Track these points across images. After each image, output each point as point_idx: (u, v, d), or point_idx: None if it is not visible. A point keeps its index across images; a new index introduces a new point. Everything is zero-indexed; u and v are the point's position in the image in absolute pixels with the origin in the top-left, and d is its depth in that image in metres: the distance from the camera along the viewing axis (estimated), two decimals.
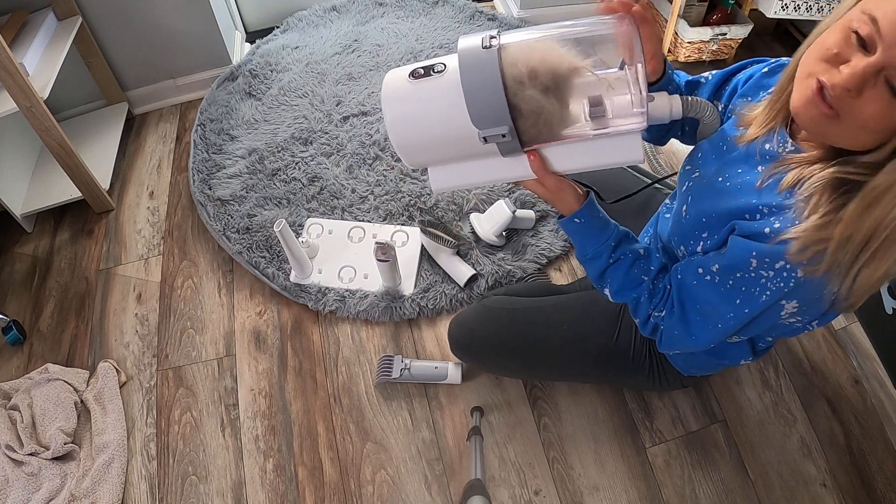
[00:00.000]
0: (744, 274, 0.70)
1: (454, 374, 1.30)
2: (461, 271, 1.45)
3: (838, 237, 0.62)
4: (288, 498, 1.20)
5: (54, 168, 1.57)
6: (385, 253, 1.34)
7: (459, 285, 1.45)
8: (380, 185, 1.66)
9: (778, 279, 0.67)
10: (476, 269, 1.47)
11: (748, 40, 1.98)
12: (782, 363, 1.34)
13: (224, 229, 1.58)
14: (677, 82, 0.88)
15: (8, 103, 1.35)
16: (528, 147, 0.73)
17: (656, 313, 0.83)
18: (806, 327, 0.79)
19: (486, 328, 1.14)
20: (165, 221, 1.68)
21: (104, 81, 1.84)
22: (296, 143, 1.76)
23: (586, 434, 1.25)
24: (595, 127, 0.69)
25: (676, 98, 0.71)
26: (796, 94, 0.66)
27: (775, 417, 1.27)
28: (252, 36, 2.21)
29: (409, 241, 1.54)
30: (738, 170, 0.77)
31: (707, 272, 0.75)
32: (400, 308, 1.43)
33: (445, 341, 1.38)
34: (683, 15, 1.92)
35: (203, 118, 1.85)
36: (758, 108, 0.77)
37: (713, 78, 0.90)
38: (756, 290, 0.70)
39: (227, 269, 1.56)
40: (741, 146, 0.78)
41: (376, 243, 1.34)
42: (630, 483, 1.19)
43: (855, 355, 1.35)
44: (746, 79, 0.85)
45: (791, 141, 0.73)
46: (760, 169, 0.74)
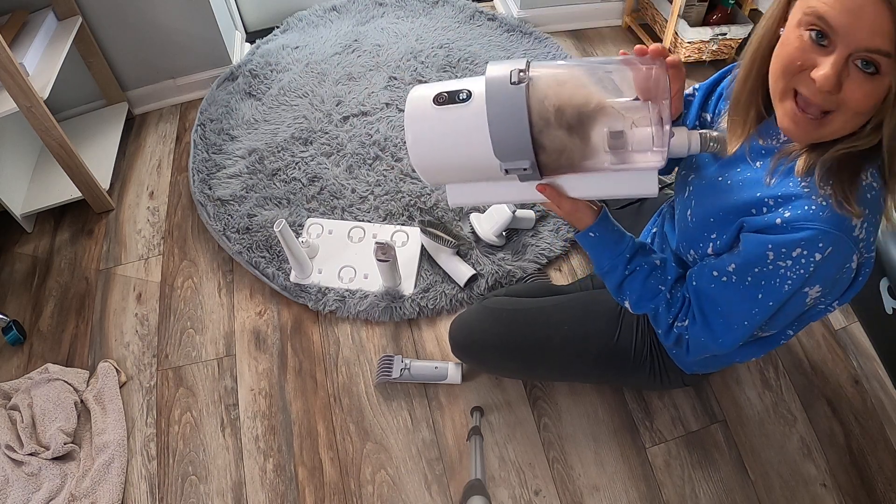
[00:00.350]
0: (762, 268, 0.71)
1: (454, 374, 1.30)
2: (461, 271, 1.45)
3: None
4: (288, 498, 1.20)
5: (54, 168, 1.57)
6: (385, 253, 1.34)
7: (459, 285, 1.45)
8: (380, 185, 1.66)
9: (797, 267, 0.68)
10: (476, 269, 1.47)
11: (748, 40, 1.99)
12: (782, 363, 1.34)
13: (224, 229, 1.58)
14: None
15: (8, 103, 1.35)
16: (548, 177, 0.74)
17: (678, 324, 0.84)
18: (828, 308, 0.80)
19: (487, 328, 1.14)
20: (165, 221, 1.68)
21: (104, 81, 1.84)
22: (296, 143, 1.76)
23: (586, 434, 1.25)
24: (615, 162, 0.70)
25: (695, 134, 0.73)
26: (782, 119, 0.69)
27: (775, 417, 1.27)
28: (252, 36, 2.21)
29: (409, 241, 1.54)
30: (738, 169, 0.78)
31: (723, 273, 0.76)
32: (400, 308, 1.43)
33: (445, 341, 1.38)
34: (683, 15, 1.92)
35: (203, 118, 1.85)
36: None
37: (700, 92, 0.92)
38: (777, 282, 0.70)
39: (227, 269, 1.56)
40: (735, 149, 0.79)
41: (376, 243, 1.34)
42: (630, 483, 1.19)
43: (855, 355, 1.35)
44: (729, 84, 0.86)
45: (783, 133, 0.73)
46: (759, 164, 0.75)
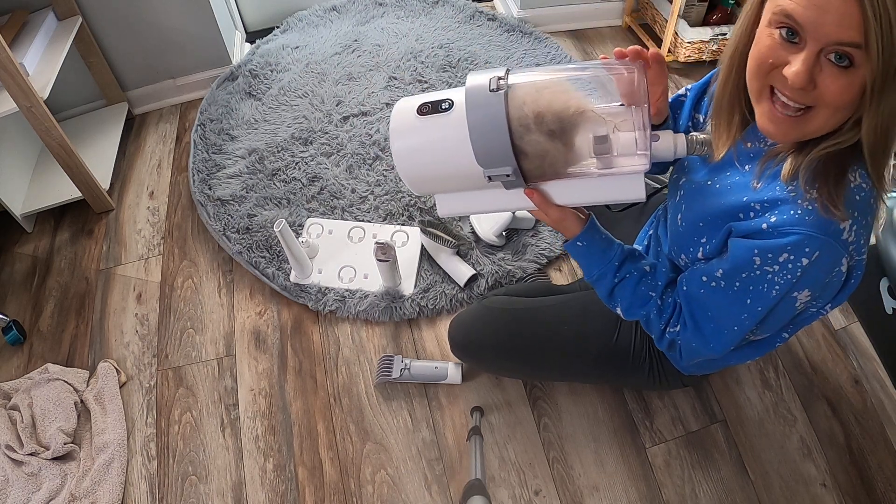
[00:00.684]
0: (749, 273, 0.71)
1: (454, 374, 1.30)
2: (461, 271, 1.45)
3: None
4: (288, 498, 1.20)
5: (54, 168, 1.57)
6: (385, 253, 1.34)
7: (459, 285, 1.45)
8: (380, 185, 1.66)
9: (784, 272, 0.68)
10: (476, 269, 1.47)
11: None
12: (782, 363, 1.34)
13: (224, 229, 1.58)
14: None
15: (8, 103, 1.36)
16: (533, 183, 0.74)
17: (670, 329, 0.84)
18: (821, 311, 0.80)
19: (486, 328, 1.14)
20: (165, 221, 1.68)
21: (104, 81, 1.84)
22: (296, 143, 1.76)
23: (586, 434, 1.25)
24: (599, 167, 0.70)
25: (681, 137, 0.73)
26: (760, 120, 0.68)
27: (775, 417, 1.27)
28: (252, 36, 2.21)
29: (409, 241, 1.54)
30: (727, 173, 0.78)
31: (712, 279, 0.76)
32: (400, 308, 1.43)
33: (445, 341, 1.38)
34: (683, 15, 1.92)
35: (203, 118, 1.85)
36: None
37: (692, 93, 0.92)
38: (764, 287, 0.70)
39: (227, 269, 1.56)
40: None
41: (376, 243, 1.34)
42: (630, 483, 1.19)
43: (855, 355, 1.35)
44: (710, 87, 0.86)
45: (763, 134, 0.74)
46: (748, 168, 0.76)
